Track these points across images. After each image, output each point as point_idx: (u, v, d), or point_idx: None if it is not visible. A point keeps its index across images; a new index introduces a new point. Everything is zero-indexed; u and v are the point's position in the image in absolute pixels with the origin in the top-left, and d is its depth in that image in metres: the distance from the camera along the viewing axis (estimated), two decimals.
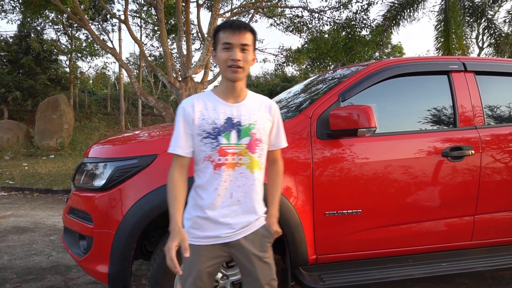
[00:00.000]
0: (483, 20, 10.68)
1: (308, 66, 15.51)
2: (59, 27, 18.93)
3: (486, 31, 11.11)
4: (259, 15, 12.08)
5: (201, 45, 13.53)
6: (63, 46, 20.12)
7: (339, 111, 2.16)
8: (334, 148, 2.23)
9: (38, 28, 18.40)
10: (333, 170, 2.22)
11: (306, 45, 13.04)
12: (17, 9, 12.92)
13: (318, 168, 2.19)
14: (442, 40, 9.33)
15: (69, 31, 19.38)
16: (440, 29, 9.50)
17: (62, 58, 20.75)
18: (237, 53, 1.42)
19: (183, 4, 9.18)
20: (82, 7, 9.66)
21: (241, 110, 1.50)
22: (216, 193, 1.47)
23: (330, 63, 14.42)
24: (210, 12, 10.62)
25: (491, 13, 11.33)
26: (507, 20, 11.53)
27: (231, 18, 11.16)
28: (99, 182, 2.11)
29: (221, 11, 11.03)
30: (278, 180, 1.68)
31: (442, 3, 9.83)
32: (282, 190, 2.10)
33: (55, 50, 18.96)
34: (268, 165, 1.64)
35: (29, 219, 4.77)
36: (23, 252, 3.59)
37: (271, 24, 12.72)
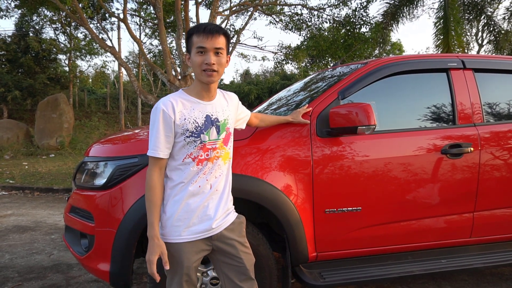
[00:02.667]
0: (482, 17, 10.67)
1: (308, 64, 15.50)
2: (58, 25, 18.89)
3: (486, 28, 11.11)
4: (258, 12, 12.07)
5: None
6: (62, 45, 20.09)
7: (338, 109, 2.16)
8: (334, 146, 2.24)
9: (37, 27, 18.37)
10: (333, 167, 2.22)
11: (305, 43, 13.02)
12: (12, 4, 12.86)
13: (318, 166, 2.20)
14: (442, 37, 9.32)
15: (67, 30, 19.36)
16: (439, 26, 9.49)
17: (61, 57, 20.74)
18: (211, 57, 1.45)
19: (182, 2, 9.17)
20: (80, 5, 9.64)
21: (215, 107, 1.57)
22: (197, 185, 1.52)
23: (330, 61, 14.41)
24: (209, 10, 10.61)
25: (491, 10, 11.31)
26: (506, 17, 11.51)
27: (231, 17, 11.16)
28: (100, 181, 2.12)
29: (220, 9, 11.01)
30: (268, 116, 2.14)
31: (441, 0, 9.82)
32: (282, 188, 2.12)
33: (54, 49, 18.93)
34: (256, 124, 2.04)
35: (30, 218, 4.78)
36: (24, 251, 3.60)
37: (270, 22, 12.71)
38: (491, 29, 10.75)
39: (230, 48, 1.78)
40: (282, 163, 2.16)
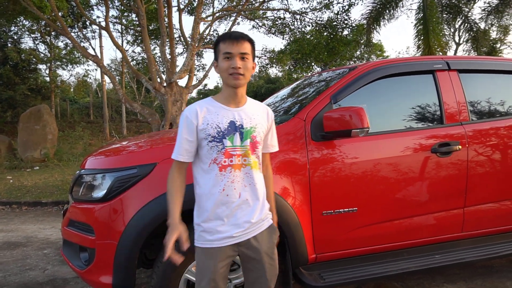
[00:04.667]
0: (459, 17, 10.99)
1: (292, 67, 15.67)
2: (37, 35, 18.56)
3: (463, 27, 11.47)
4: (241, 18, 12.14)
5: (184, 49, 13.52)
6: (42, 54, 19.74)
7: (332, 113, 2.22)
8: (329, 149, 2.29)
9: (15, 37, 18.01)
10: (329, 170, 2.28)
11: (289, 46, 13.16)
12: None
13: (314, 169, 2.25)
14: (422, 38, 9.56)
15: (47, 39, 19.03)
16: (419, 27, 9.74)
17: (42, 67, 20.37)
18: (237, 61, 1.51)
19: (165, 9, 9.15)
20: (60, 14, 9.51)
21: (242, 114, 1.59)
22: (225, 193, 1.54)
23: (313, 64, 14.57)
24: (192, 16, 10.62)
25: (467, 10, 11.68)
26: (483, 17, 11.92)
27: (214, 22, 11.20)
28: (99, 193, 2.12)
29: (203, 15, 11.03)
30: (271, 184, 1.82)
31: (420, 1, 10.08)
32: (280, 192, 2.16)
33: (34, 59, 18.59)
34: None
35: (20, 234, 4.68)
36: (17, 267, 3.53)
37: (253, 27, 12.81)
38: (468, 28, 11.09)
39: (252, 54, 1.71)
40: (279, 167, 2.20)
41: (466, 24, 11.26)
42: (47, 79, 20.82)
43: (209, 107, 1.57)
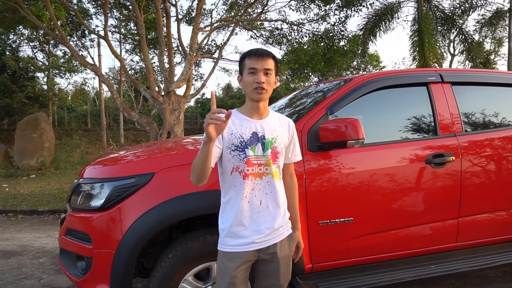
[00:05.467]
0: (454, 28, 11.18)
1: (289, 77, 15.81)
2: (35, 43, 18.65)
3: (457, 38, 11.67)
4: (239, 28, 12.26)
5: (182, 59, 13.61)
6: (40, 63, 19.81)
7: (328, 125, 2.25)
8: (325, 159, 2.33)
9: (13, 45, 18.09)
10: (325, 180, 2.31)
11: (286, 56, 13.30)
12: None
13: (310, 179, 2.27)
14: (417, 49, 9.70)
15: (45, 48, 19.11)
16: (414, 38, 9.89)
17: (40, 75, 20.43)
18: (261, 76, 1.60)
19: (164, 19, 9.24)
20: (59, 22, 9.57)
21: (264, 126, 1.67)
22: (246, 200, 1.61)
23: (310, 74, 14.71)
24: (190, 26, 10.71)
25: (461, 21, 11.89)
26: (477, 29, 12.13)
27: (212, 33, 11.31)
28: (97, 202, 2.14)
29: (201, 25, 11.14)
30: (296, 192, 1.87)
31: (415, 14, 10.25)
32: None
33: (32, 68, 18.65)
34: (284, 179, 1.80)
35: (15, 242, 4.66)
36: (12, 276, 3.51)
37: (251, 37, 12.92)
38: (463, 39, 11.28)
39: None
40: None
41: (460, 36, 11.46)
42: (45, 87, 20.87)
43: (234, 118, 1.65)
